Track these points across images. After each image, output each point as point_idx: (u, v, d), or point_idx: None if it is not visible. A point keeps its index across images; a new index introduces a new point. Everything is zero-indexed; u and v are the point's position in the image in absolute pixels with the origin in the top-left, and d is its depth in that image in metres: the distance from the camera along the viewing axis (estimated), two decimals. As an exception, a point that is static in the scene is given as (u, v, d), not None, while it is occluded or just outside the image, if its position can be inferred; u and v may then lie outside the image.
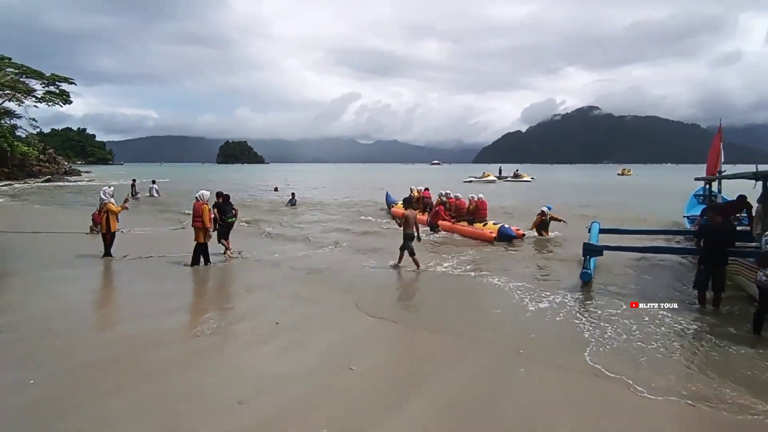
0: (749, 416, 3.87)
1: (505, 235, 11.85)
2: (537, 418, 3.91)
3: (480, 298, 7.73)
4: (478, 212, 13.24)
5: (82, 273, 8.88)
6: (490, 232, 12.04)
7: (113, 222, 10.05)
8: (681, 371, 4.75)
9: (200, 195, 9.74)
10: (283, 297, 7.35)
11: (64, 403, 4.06)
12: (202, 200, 9.62)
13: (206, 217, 9.44)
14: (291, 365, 4.92)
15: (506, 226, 12.18)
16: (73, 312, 6.68)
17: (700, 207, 12.76)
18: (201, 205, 9.53)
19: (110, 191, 10.24)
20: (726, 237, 6.50)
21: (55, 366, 4.77)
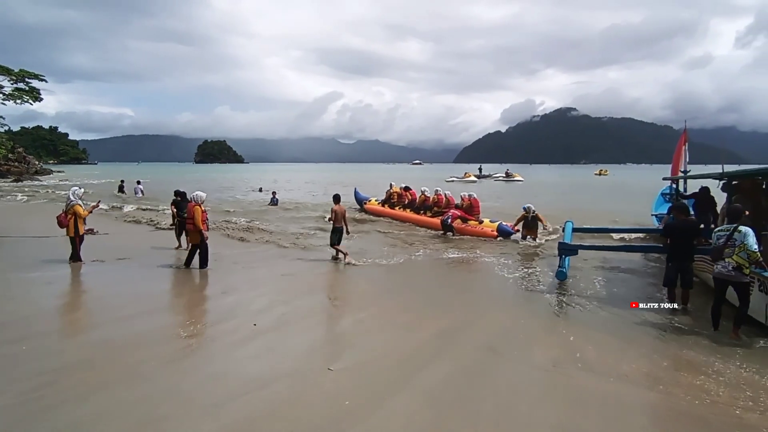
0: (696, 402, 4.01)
1: (505, 231, 12.50)
2: (516, 408, 4.01)
3: (459, 295, 7.78)
4: (472, 211, 13.67)
5: (51, 276, 8.60)
6: (491, 230, 12.70)
7: (80, 225, 9.53)
8: (648, 364, 4.90)
9: (195, 196, 9.50)
10: (261, 298, 7.28)
11: (33, 406, 3.97)
12: (196, 201, 9.36)
13: (198, 218, 9.16)
14: (269, 367, 4.89)
15: (504, 224, 12.80)
16: (41, 316, 6.48)
17: (667, 205, 13.13)
18: (194, 207, 9.27)
19: (80, 192, 9.79)
20: (691, 234, 6.71)
21: (21, 371, 4.62)
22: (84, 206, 9.83)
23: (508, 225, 12.69)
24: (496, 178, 54.47)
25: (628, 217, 16.61)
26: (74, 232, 9.46)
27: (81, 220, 9.56)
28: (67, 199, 9.63)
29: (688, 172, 10.82)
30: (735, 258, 5.46)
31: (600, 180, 61.35)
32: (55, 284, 8.15)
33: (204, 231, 9.23)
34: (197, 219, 9.15)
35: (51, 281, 8.27)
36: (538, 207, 12.57)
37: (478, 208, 13.87)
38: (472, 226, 13.28)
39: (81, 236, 9.64)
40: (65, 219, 9.46)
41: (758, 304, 5.58)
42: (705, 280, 7.32)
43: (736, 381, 4.44)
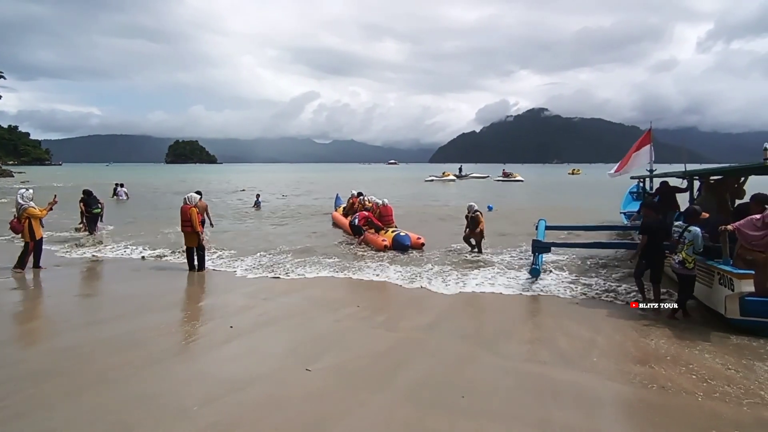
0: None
1: (399, 243, 11.18)
2: (493, 403, 4.09)
3: (433, 297, 7.84)
4: (384, 218, 12.59)
5: (11, 282, 8.27)
6: (383, 240, 11.38)
7: (37, 228, 9.03)
8: (621, 357, 5.07)
9: (188, 198, 9.25)
10: (237, 300, 7.19)
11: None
12: (191, 203, 9.13)
13: (195, 220, 8.97)
14: (246, 369, 4.84)
15: (402, 234, 11.46)
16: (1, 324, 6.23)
17: (634, 203, 13.54)
18: (189, 209, 9.03)
19: (29, 194, 9.21)
20: (663, 233, 6.94)
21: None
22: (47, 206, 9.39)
23: (409, 237, 11.40)
24: (465, 177, 54.85)
25: (600, 215, 17.07)
26: (30, 236, 8.95)
27: (37, 222, 9.07)
28: (17, 204, 9.06)
29: (653, 171, 11.20)
30: (682, 254, 6.05)
31: (574, 179, 62.89)
32: (19, 290, 7.84)
33: (201, 233, 9.07)
34: (194, 221, 8.96)
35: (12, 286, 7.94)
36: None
37: (389, 216, 12.72)
38: (371, 234, 11.99)
39: (38, 241, 9.15)
40: (19, 225, 8.93)
41: (718, 296, 5.83)
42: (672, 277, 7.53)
43: (705, 372, 4.61)
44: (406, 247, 11.06)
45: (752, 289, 5.39)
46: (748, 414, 3.85)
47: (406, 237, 11.31)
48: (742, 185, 8.38)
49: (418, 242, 11.44)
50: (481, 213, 11.10)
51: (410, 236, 11.44)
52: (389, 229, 12.01)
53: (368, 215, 12.49)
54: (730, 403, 4.03)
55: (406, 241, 11.15)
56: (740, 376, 4.52)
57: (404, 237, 11.29)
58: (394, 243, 11.18)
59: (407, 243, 11.14)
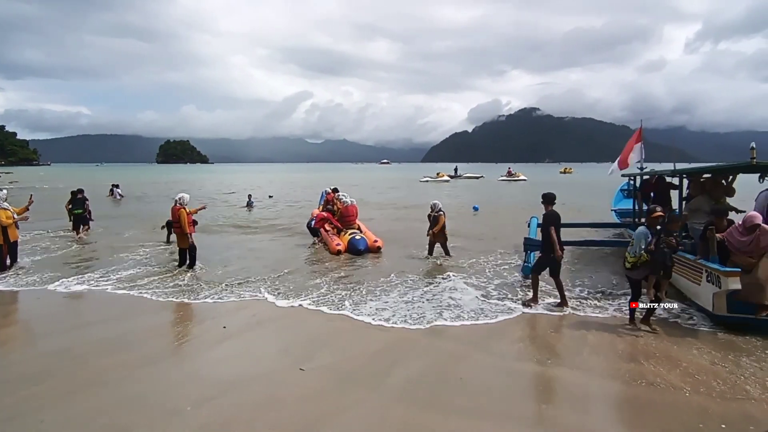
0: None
1: (353, 247, 10.80)
2: (486, 401, 4.13)
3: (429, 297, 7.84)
4: (344, 219, 12.06)
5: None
6: (337, 245, 10.90)
7: (12, 230, 8.91)
8: (611, 355, 5.14)
9: (180, 199, 9.17)
10: (230, 300, 7.18)
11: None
12: (181, 204, 9.05)
13: (184, 221, 8.89)
14: (239, 369, 4.85)
15: (357, 237, 11.11)
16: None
17: (625, 201, 13.66)
18: (179, 210, 8.96)
19: (3, 195, 9.06)
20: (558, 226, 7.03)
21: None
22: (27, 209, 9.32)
23: (365, 240, 11.05)
24: (459, 177, 54.83)
25: (591, 213, 17.18)
26: (3, 239, 8.81)
27: (12, 224, 8.95)
28: None
29: (644, 169, 11.29)
30: (626, 253, 5.83)
31: (566, 178, 63.33)
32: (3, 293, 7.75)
33: (191, 234, 9.04)
34: (184, 222, 8.90)
35: None
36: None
37: (350, 217, 12.11)
38: (329, 236, 11.57)
39: (13, 243, 9.04)
40: None
41: (706, 294, 5.92)
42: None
43: (692, 368, 4.69)
44: (360, 252, 10.72)
45: (738, 287, 5.48)
46: (734, 409, 3.93)
47: (361, 241, 10.98)
48: (730, 184, 8.50)
49: (375, 245, 11.03)
50: (443, 213, 10.52)
51: (366, 240, 11.15)
52: (349, 231, 11.58)
53: (326, 215, 12.09)
54: (717, 398, 4.11)
55: (360, 245, 10.79)
56: (727, 371, 4.61)
57: (359, 241, 10.95)
58: (349, 246, 10.85)
59: (361, 247, 10.77)
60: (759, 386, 4.29)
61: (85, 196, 13.91)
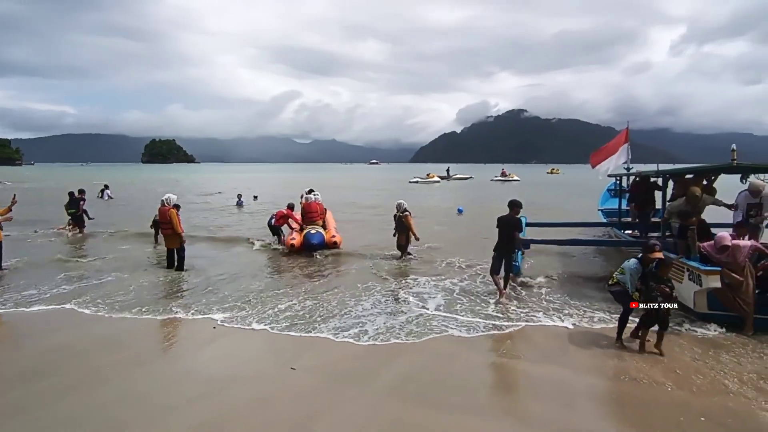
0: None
1: (307, 242, 10.78)
2: (475, 397, 4.22)
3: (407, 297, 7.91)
4: (306, 216, 11.91)
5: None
6: (291, 239, 11.02)
7: None
8: (596, 352, 5.26)
9: (167, 199, 9.12)
10: (221, 299, 7.18)
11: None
12: (169, 204, 9.01)
13: (175, 221, 8.85)
14: (231, 368, 4.89)
15: (312, 233, 10.98)
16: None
17: (612, 200, 13.87)
18: (168, 210, 8.92)
19: None
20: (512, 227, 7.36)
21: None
22: None
23: (321, 235, 10.99)
24: (450, 178, 54.91)
25: (578, 212, 17.39)
26: None
27: None
28: None
29: (630, 170, 11.49)
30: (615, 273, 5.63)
31: (553, 178, 64.09)
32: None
33: (182, 234, 9.00)
34: (175, 222, 8.86)
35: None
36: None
37: (312, 214, 11.90)
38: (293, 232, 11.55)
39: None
40: None
41: (687, 292, 6.08)
42: None
43: (675, 364, 4.82)
44: (314, 246, 10.68)
45: (718, 285, 5.65)
46: (714, 402, 4.07)
47: (316, 236, 10.89)
48: (711, 184, 8.72)
49: (331, 241, 11.02)
50: (410, 213, 10.36)
51: (323, 235, 11.07)
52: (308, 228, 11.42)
53: (286, 213, 12.01)
54: (697, 392, 4.25)
55: (313, 240, 10.74)
56: (707, 367, 4.75)
57: (313, 236, 10.86)
58: (304, 241, 10.84)
59: (314, 242, 10.72)
60: (737, 381, 4.44)
61: (82, 196, 14.06)
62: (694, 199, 7.00)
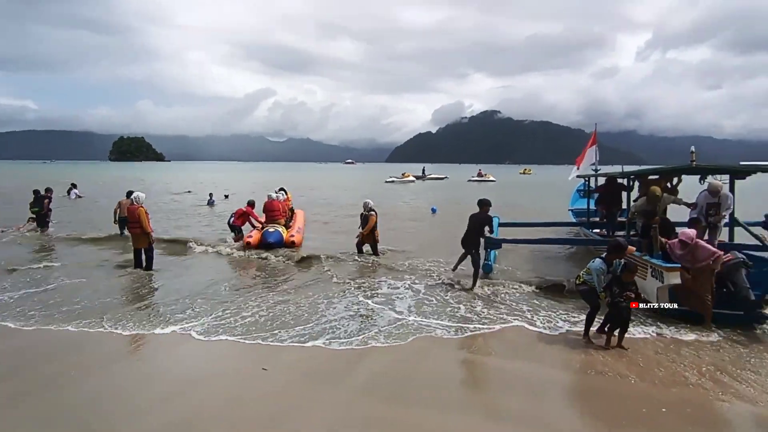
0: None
1: (263, 240, 10.89)
2: (448, 393, 4.26)
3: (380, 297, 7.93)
4: (267, 214, 11.93)
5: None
6: (248, 236, 11.12)
7: None
8: (564, 348, 5.39)
9: (136, 197, 8.91)
10: (191, 300, 7.03)
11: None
12: (138, 203, 8.80)
13: (144, 220, 8.65)
14: (202, 368, 4.82)
15: (270, 231, 11.07)
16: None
17: (581, 200, 14.25)
18: (137, 209, 8.70)
19: None
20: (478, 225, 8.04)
21: None
22: None
23: (279, 234, 11.04)
24: (423, 178, 55.11)
25: (549, 212, 17.78)
26: None
27: None
28: None
29: (598, 171, 11.84)
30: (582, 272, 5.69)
31: (526, 178, 65.42)
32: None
33: (151, 233, 8.80)
34: (144, 222, 8.65)
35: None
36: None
37: (274, 212, 11.93)
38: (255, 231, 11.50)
39: None
40: None
41: (651, 288, 6.31)
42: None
43: (638, 357, 5.00)
44: (271, 245, 10.73)
45: (678, 281, 5.88)
46: (674, 394, 4.24)
47: (273, 234, 10.96)
48: (675, 186, 9.06)
49: (289, 240, 11.05)
50: (375, 212, 10.29)
51: (281, 234, 11.13)
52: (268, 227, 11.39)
53: (246, 211, 11.90)
54: (659, 384, 4.42)
55: (269, 238, 10.84)
56: (669, 360, 4.95)
57: (270, 234, 10.95)
58: (261, 239, 10.94)
59: (270, 240, 10.80)
60: (696, 373, 4.63)
61: (48, 195, 13.78)
62: (654, 199, 7.27)
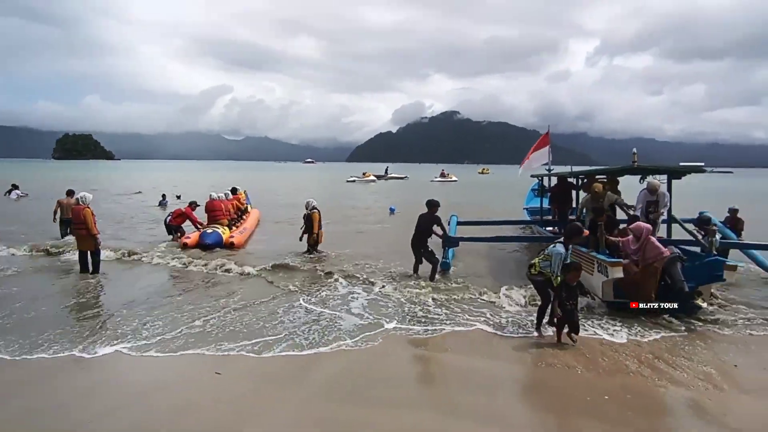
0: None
1: (201, 241, 10.73)
2: (406, 392, 4.34)
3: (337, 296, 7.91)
4: (209, 215, 11.87)
5: None
6: (186, 238, 10.94)
7: None
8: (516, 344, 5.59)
9: (82, 198, 8.53)
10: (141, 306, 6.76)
11: None
12: (85, 204, 8.41)
13: (90, 221, 8.25)
14: (151, 376, 4.66)
15: (208, 232, 10.95)
16: None
17: (536, 199, 14.78)
18: (82, 210, 8.29)
19: None
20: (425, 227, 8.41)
21: None
22: None
23: (217, 235, 10.94)
24: (383, 177, 55.31)
25: (506, 211, 18.33)
26: None
27: None
28: None
29: (551, 170, 12.30)
30: (536, 259, 5.78)
31: (484, 178, 67.14)
32: None
33: (98, 235, 8.41)
34: (90, 223, 8.26)
35: None
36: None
37: (215, 212, 11.87)
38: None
39: None
40: None
41: (597, 282, 6.65)
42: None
43: (585, 349, 5.22)
44: (208, 246, 10.59)
45: (621, 275, 6.23)
46: (615, 382, 4.50)
47: (211, 235, 10.83)
48: (615, 185, 9.56)
49: (228, 241, 10.89)
50: (318, 211, 10.20)
51: (220, 234, 10.98)
52: (208, 227, 11.32)
53: (184, 211, 11.67)
54: (602, 374, 4.68)
55: (206, 239, 10.71)
56: (612, 350, 5.23)
57: (209, 235, 10.82)
58: (199, 240, 10.76)
59: (207, 241, 10.65)
60: (636, 361, 4.92)
61: None
62: (596, 195, 7.72)
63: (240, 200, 14.75)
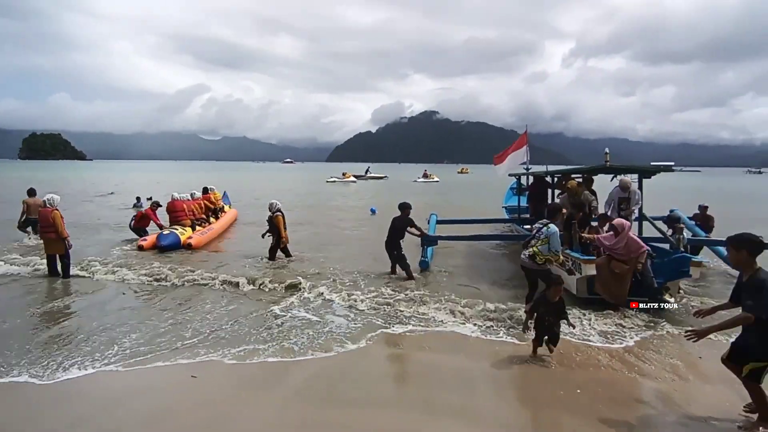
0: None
1: (157, 243, 10.50)
2: (383, 391, 4.37)
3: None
4: (170, 216, 11.70)
5: None
6: (142, 240, 10.72)
7: None
8: (491, 341, 5.68)
9: (50, 200, 8.26)
10: (107, 307, 6.64)
11: None
12: (52, 206, 8.15)
13: (59, 224, 8.01)
14: (125, 382, 4.55)
15: (165, 233, 10.76)
16: None
17: (515, 198, 15.03)
18: (51, 212, 8.04)
19: None
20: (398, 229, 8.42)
21: None
22: None
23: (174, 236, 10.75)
24: (362, 177, 55.11)
25: (485, 210, 18.56)
26: None
27: None
28: None
29: (529, 170, 12.51)
30: (534, 248, 5.92)
31: (463, 177, 67.75)
32: None
33: (68, 238, 8.17)
34: (59, 226, 8.02)
35: None
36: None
37: (177, 213, 11.73)
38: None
39: None
40: None
41: (571, 279, 6.81)
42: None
43: (558, 345, 5.26)
44: (164, 248, 10.36)
45: (594, 273, 6.39)
46: (586, 375, 4.64)
47: (168, 236, 10.63)
48: (591, 184, 9.81)
49: (185, 242, 10.69)
50: (282, 214, 9.69)
51: (177, 236, 10.78)
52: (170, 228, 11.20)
53: (146, 212, 11.50)
54: (575, 368, 4.80)
55: (162, 241, 10.48)
56: (585, 345, 5.37)
57: (165, 237, 10.61)
58: (156, 242, 10.55)
59: (163, 243, 10.42)
60: (607, 355, 5.08)
61: None
62: (571, 191, 7.95)
63: (211, 200, 14.44)
